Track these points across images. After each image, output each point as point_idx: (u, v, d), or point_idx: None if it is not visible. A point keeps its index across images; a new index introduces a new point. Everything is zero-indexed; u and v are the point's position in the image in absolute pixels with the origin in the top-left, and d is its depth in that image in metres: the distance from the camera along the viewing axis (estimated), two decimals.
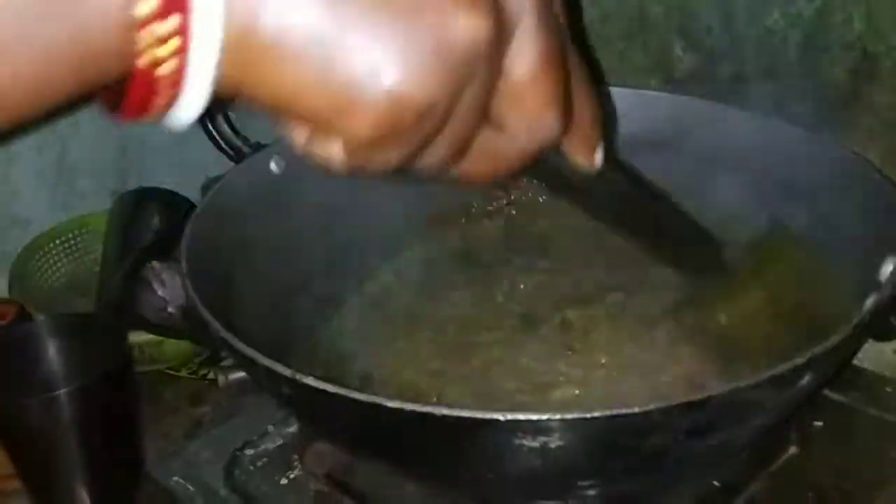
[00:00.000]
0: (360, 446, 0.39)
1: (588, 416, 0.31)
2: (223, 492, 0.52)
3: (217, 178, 1.09)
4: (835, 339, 0.35)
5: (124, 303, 0.78)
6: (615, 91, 0.62)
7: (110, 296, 0.80)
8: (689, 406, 0.32)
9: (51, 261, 0.97)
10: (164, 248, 0.88)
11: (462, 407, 0.32)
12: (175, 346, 0.84)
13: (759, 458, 0.50)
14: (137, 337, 0.75)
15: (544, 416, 0.31)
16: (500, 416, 0.31)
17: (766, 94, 0.58)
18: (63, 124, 0.97)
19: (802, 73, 0.56)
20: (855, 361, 0.59)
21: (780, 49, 0.57)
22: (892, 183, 0.47)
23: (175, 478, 0.53)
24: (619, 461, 0.33)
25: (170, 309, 0.85)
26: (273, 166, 0.56)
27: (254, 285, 0.51)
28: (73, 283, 0.98)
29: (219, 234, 0.50)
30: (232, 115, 0.56)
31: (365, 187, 0.60)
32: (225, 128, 0.55)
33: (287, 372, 0.35)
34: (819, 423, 0.53)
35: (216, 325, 0.39)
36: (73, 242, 0.98)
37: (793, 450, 0.51)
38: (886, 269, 0.40)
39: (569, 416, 0.31)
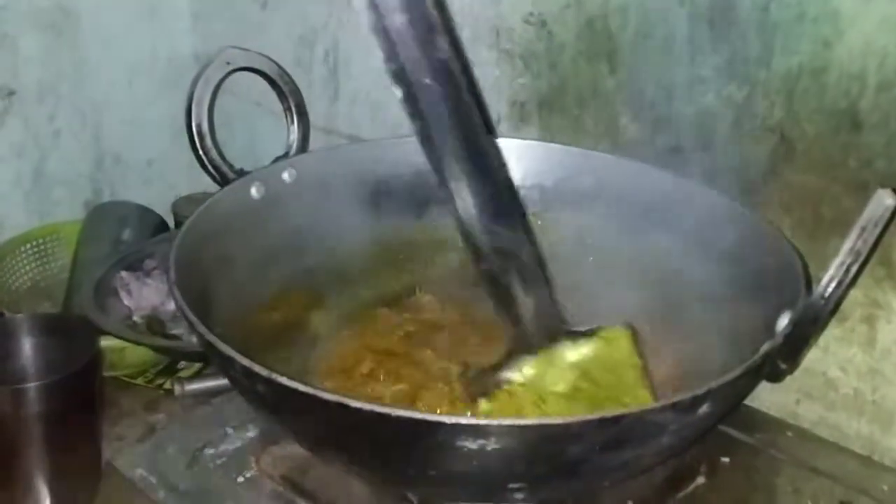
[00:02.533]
0: (323, 442, 0.44)
1: (520, 423, 0.37)
2: (183, 486, 0.56)
3: (187, 198, 1.14)
4: (729, 376, 0.41)
5: (93, 308, 0.82)
6: (568, 149, 0.70)
7: (81, 301, 0.84)
8: (604, 421, 0.38)
9: (20, 264, 1.00)
10: (133, 259, 0.93)
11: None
12: (136, 354, 0.88)
13: (671, 484, 0.56)
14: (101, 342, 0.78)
15: (483, 421, 0.37)
16: (445, 419, 0.37)
17: (699, 164, 0.65)
18: (44, 134, 1.01)
19: (730, 149, 0.63)
20: (761, 408, 0.66)
21: (712, 126, 0.64)
22: (794, 248, 0.54)
23: (139, 470, 0.57)
24: (544, 465, 0.39)
25: (135, 318, 0.90)
26: (254, 191, 0.62)
27: (228, 299, 0.56)
28: (39, 287, 1.01)
29: (202, 249, 0.55)
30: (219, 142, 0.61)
31: (336, 215, 0.67)
32: (213, 153, 0.60)
33: (264, 372, 0.40)
34: (726, 459, 0.60)
35: (202, 327, 0.44)
36: (42, 248, 1.02)
37: (700, 480, 0.58)
38: (782, 322, 0.47)
39: (505, 422, 0.37)
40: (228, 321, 0.55)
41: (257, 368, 0.40)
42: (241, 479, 0.57)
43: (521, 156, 0.70)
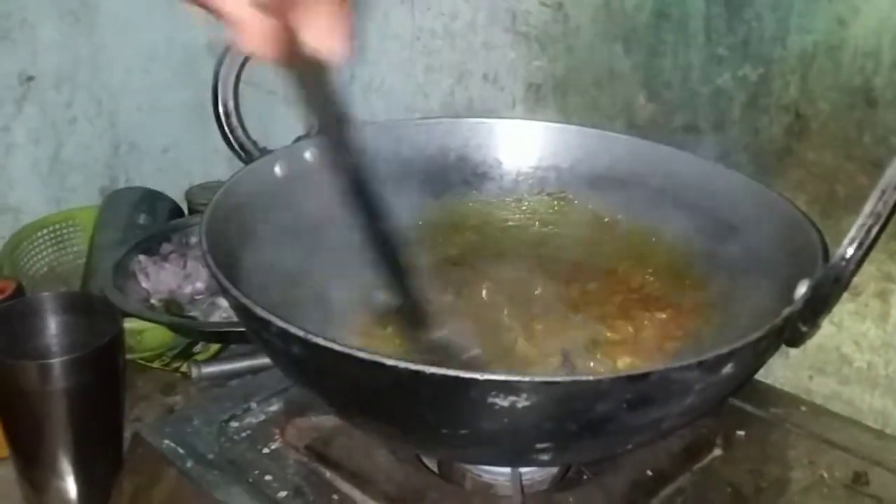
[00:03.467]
0: (357, 403, 0.45)
1: (552, 379, 0.38)
2: (211, 456, 0.57)
3: (201, 186, 1.15)
4: (753, 336, 0.42)
5: (112, 291, 0.83)
6: (584, 130, 0.71)
7: (100, 283, 0.85)
8: (633, 378, 0.39)
9: (37, 249, 1.02)
10: (150, 244, 0.94)
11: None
12: (154, 337, 0.89)
13: (687, 456, 0.58)
14: None
15: (515, 378, 0.38)
16: (478, 376, 0.38)
17: (714, 143, 0.66)
18: (61, 121, 1.02)
19: (745, 128, 0.64)
20: (776, 384, 0.67)
21: (727, 106, 0.65)
22: (811, 223, 0.55)
23: (166, 442, 0.58)
24: (572, 423, 0.40)
25: (153, 300, 0.91)
26: (277, 169, 0.63)
27: (253, 273, 0.57)
28: (55, 272, 1.03)
29: (228, 223, 0.56)
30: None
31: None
32: (239, 132, 0.61)
33: (300, 332, 0.41)
34: (741, 433, 0.61)
35: (235, 291, 0.45)
36: (59, 234, 1.03)
37: (717, 451, 0.59)
38: (800, 290, 0.48)
39: (537, 378, 0.38)
40: (255, 289, 0.56)
41: (293, 329, 0.41)
42: (266, 450, 0.58)
43: (537, 138, 0.71)
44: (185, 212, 1.07)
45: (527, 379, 0.38)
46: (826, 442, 0.61)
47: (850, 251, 0.44)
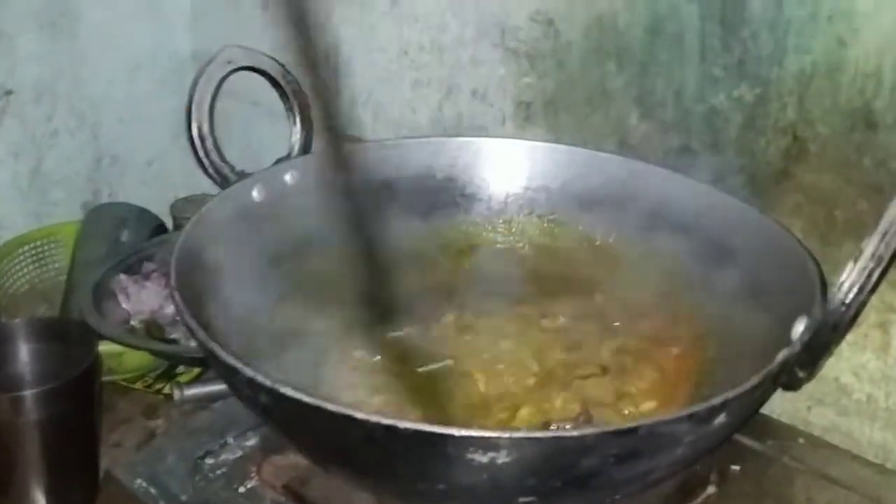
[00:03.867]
0: (329, 455, 0.43)
1: (532, 436, 0.36)
2: (184, 497, 0.55)
3: (185, 199, 1.13)
4: (747, 386, 0.40)
5: (91, 312, 0.81)
6: (575, 150, 0.69)
7: (78, 304, 0.83)
8: (619, 433, 0.37)
9: (17, 266, 0.99)
10: (132, 262, 0.92)
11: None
12: (135, 359, 0.87)
13: (681, 494, 0.55)
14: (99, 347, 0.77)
15: (494, 434, 0.36)
16: (455, 432, 0.36)
17: (709, 165, 0.64)
18: (41, 134, 0.99)
19: (741, 149, 0.62)
20: (772, 414, 0.65)
21: (723, 127, 0.63)
22: (809, 252, 0.53)
23: (138, 481, 0.56)
24: (557, 479, 0.38)
25: (133, 322, 0.88)
26: (255, 194, 0.61)
27: (230, 305, 0.55)
28: (37, 290, 1.00)
29: (203, 252, 0.54)
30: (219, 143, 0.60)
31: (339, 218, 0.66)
32: (214, 155, 0.59)
33: (267, 382, 0.39)
34: (736, 468, 0.58)
35: (202, 333, 0.43)
36: (40, 250, 1.01)
37: (711, 489, 0.56)
38: (798, 328, 0.46)
39: (516, 434, 0.35)
40: (230, 328, 0.54)
41: (260, 378, 0.39)
42: (242, 489, 0.55)
43: (526, 157, 0.69)
44: (171, 226, 1.04)
45: (506, 435, 0.36)
46: (825, 478, 0.58)
47: (850, 296, 0.41)
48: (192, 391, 0.85)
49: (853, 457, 0.61)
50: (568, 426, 0.46)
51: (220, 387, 0.83)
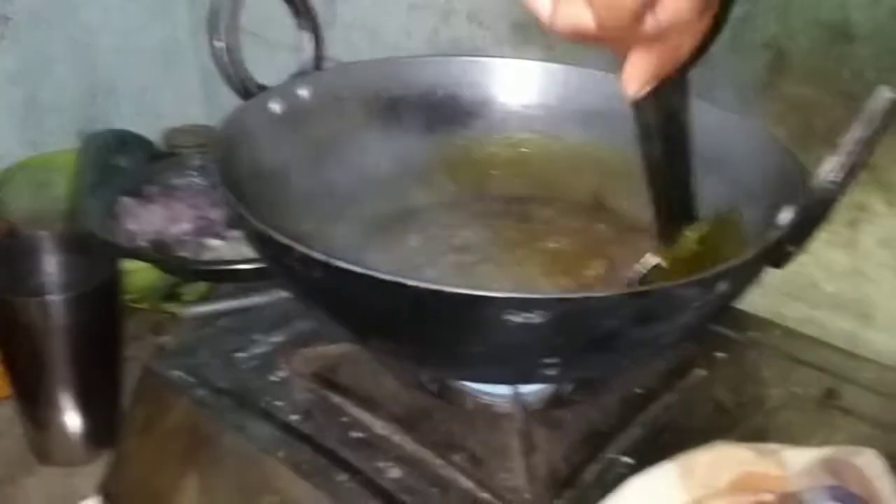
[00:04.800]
0: (374, 324, 0.47)
1: (564, 296, 0.41)
2: (222, 384, 0.59)
3: (179, 129, 1.14)
4: (745, 257, 0.45)
5: (100, 233, 0.83)
6: (571, 69, 0.73)
7: (91, 224, 0.85)
8: (640, 294, 0.42)
9: (15, 193, 1.00)
10: (133, 186, 0.94)
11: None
12: (141, 279, 0.90)
13: (672, 375, 0.61)
14: None
15: (530, 295, 0.40)
16: (495, 294, 0.40)
17: (698, 79, 0.68)
18: (37, 64, 1.00)
19: (728, 65, 0.67)
20: (751, 310, 0.71)
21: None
22: (791, 153, 0.58)
23: (176, 372, 0.60)
24: (581, 338, 0.43)
25: (140, 241, 0.91)
26: (275, 106, 0.64)
27: (254, 208, 0.58)
28: (35, 217, 1.02)
29: (231, 158, 0.57)
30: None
31: (352, 130, 0.69)
32: (240, 66, 0.61)
33: (321, 257, 0.43)
34: (722, 355, 0.65)
35: (254, 221, 0.46)
36: (38, 177, 1.02)
37: (699, 371, 0.62)
38: (784, 216, 0.51)
39: (550, 295, 0.40)
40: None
41: (315, 254, 0.43)
42: (274, 378, 0.60)
43: (523, 76, 0.73)
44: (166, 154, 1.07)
45: (540, 296, 0.40)
46: (799, 362, 0.65)
47: (839, 175, 0.47)
48: (197, 309, 0.89)
49: (824, 344, 0.67)
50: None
51: (223, 305, 0.88)
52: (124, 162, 0.99)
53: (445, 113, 0.73)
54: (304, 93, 0.67)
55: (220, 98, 1.03)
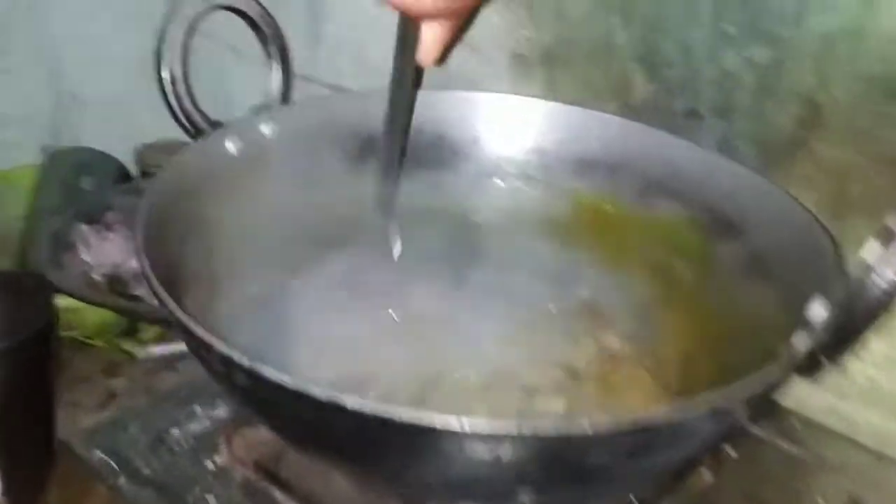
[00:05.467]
0: (311, 442, 0.39)
1: (542, 431, 0.32)
2: (147, 471, 0.51)
3: (152, 146, 1.06)
4: (768, 379, 0.37)
5: (49, 264, 0.75)
6: (573, 109, 0.64)
7: (35, 255, 0.77)
8: (636, 430, 0.33)
9: None
10: (93, 211, 0.86)
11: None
12: (96, 314, 0.82)
13: (674, 479, 0.53)
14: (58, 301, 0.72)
15: (499, 429, 0.32)
16: (459, 427, 0.32)
17: (717, 131, 0.60)
18: None
19: (752, 115, 0.59)
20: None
21: (733, 91, 0.59)
22: (822, 226, 0.50)
23: (98, 452, 0.52)
24: (562, 473, 0.35)
25: (94, 275, 0.83)
26: (230, 145, 0.56)
27: (201, 268, 0.50)
28: None
29: (171, 210, 0.49)
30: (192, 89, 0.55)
31: (320, 172, 0.61)
32: (186, 101, 0.53)
33: (245, 362, 0.34)
34: (732, 453, 0.56)
35: (172, 304, 0.38)
36: None
37: (707, 475, 0.54)
38: (814, 310, 0.42)
39: (525, 429, 0.32)
40: (200, 292, 0.49)
41: (237, 357, 0.34)
42: (210, 464, 0.52)
43: (520, 115, 0.65)
44: (137, 172, 0.99)
45: (514, 431, 0.32)
46: (822, 463, 0.56)
47: (890, 274, 0.38)
48: (155, 349, 0.81)
49: (851, 442, 0.59)
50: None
51: (184, 346, 0.79)
52: (87, 184, 0.91)
53: (429, 154, 0.65)
54: (267, 129, 0.59)
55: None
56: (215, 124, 0.55)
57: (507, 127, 0.66)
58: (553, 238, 0.64)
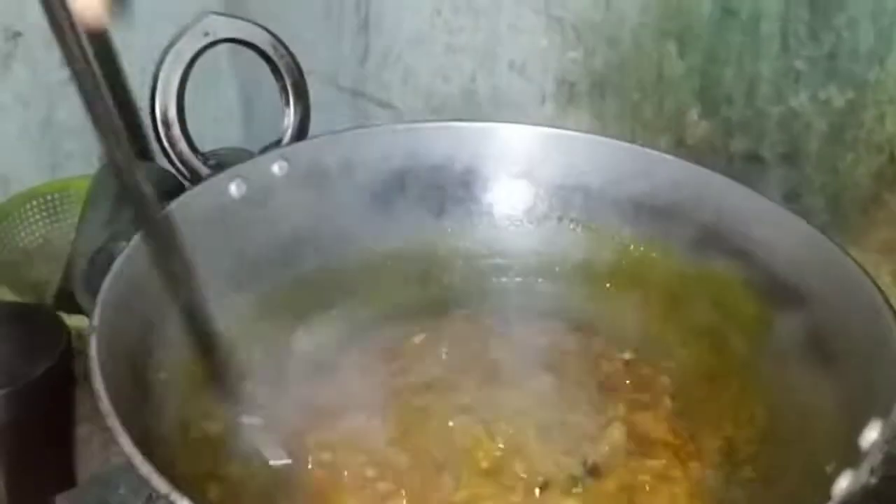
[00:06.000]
0: None
1: None
2: None
3: (212, 153, 1.04)
4: None
5: (81, 285, 0.74)
6: (622, 146, 0.58)
7: (76, 272, 0.76)
8: None
9: (27, 222, 0.94)
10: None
11: None
12: None
13: None
14: (81, 321, 0.70)
15: None
16: None
17: (781, 180, 0.53)
18: (53, 81, 0.92)
19: (822, 166, 0.51)
20: None
21: (802, 135, 0.51)
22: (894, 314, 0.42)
23: None
24: None
25: None
26: (233, 189, 0.52)
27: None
28: (48, 248, 0.95)
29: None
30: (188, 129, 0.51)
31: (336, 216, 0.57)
32: (182, 145, 0.50)
33: None
34: None
35: (131, 447, 0.34)
36: (52, 205, 0.95)
37: None
38: (869, 435, 0.35)
39: None
40: (185, 356, 0.46)
41: None
42: None
43: (564, 149, 0.59)
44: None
45: None
46: None
47: None
48: None
49: None
50: None
51: None
52: None
53: (460, 192, 0.60)
54: (277, 168, 0.55)
55: (262, 119, 0.93)
56: (217, 166, 0.52)
57: (548, 162, 0.59)
58: (592, 288, 0.57)
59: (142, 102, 0.56)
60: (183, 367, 0.47)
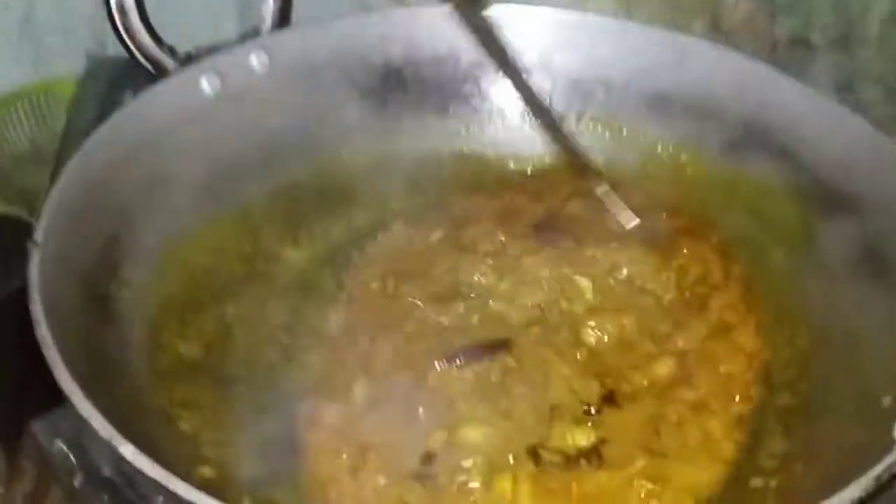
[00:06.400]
0: None
1: None
2: (107, 471, 0.45)
3: (211, 49, 0.98)
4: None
5: None
6: (651, 31, 0.52)
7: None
8: None
9: (13, 125, 0.89)
10: None
11: None
12: None
13: None
14: None
15: None
16: None
17: (832, 68, 0.46)
18: None
19: (881, 52, 0.44)
20: None
21: (858, 18, 0.45)
22: None
23: (58, 443, 0.46)
24: None
25: None
26: (204, 84, 0.46)
27: (157, 240, 0.42)
28: (38, 151, 0.91)
29: (121, 171, 0.41)
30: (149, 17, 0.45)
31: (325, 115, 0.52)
32: (143, 34, 0.44)
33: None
34: None
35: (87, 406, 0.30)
36: (39, 106, 0.90)
37: None
38: None
39: None
40: (154, 270, 0.42)
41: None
42: None
43: (584, 36, 0.53)
44: None
45: None
46: None
47: None
48: None
49: None
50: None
51: None
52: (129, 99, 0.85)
53: (467, 87, 0.54)
54: (256, 61, 0.49)
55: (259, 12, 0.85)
56: (185, 58, 0.46)
57: (568, 51, 0.53)
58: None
59: None
60: (154, 284, 0.43)
